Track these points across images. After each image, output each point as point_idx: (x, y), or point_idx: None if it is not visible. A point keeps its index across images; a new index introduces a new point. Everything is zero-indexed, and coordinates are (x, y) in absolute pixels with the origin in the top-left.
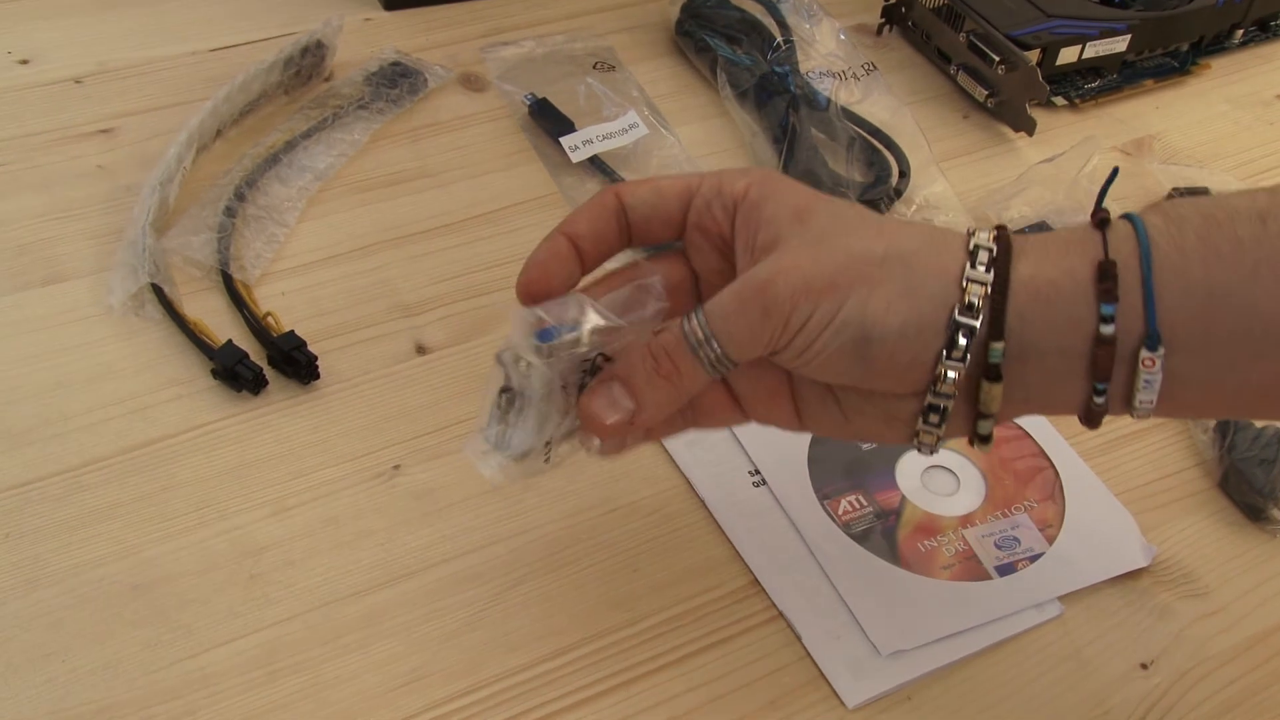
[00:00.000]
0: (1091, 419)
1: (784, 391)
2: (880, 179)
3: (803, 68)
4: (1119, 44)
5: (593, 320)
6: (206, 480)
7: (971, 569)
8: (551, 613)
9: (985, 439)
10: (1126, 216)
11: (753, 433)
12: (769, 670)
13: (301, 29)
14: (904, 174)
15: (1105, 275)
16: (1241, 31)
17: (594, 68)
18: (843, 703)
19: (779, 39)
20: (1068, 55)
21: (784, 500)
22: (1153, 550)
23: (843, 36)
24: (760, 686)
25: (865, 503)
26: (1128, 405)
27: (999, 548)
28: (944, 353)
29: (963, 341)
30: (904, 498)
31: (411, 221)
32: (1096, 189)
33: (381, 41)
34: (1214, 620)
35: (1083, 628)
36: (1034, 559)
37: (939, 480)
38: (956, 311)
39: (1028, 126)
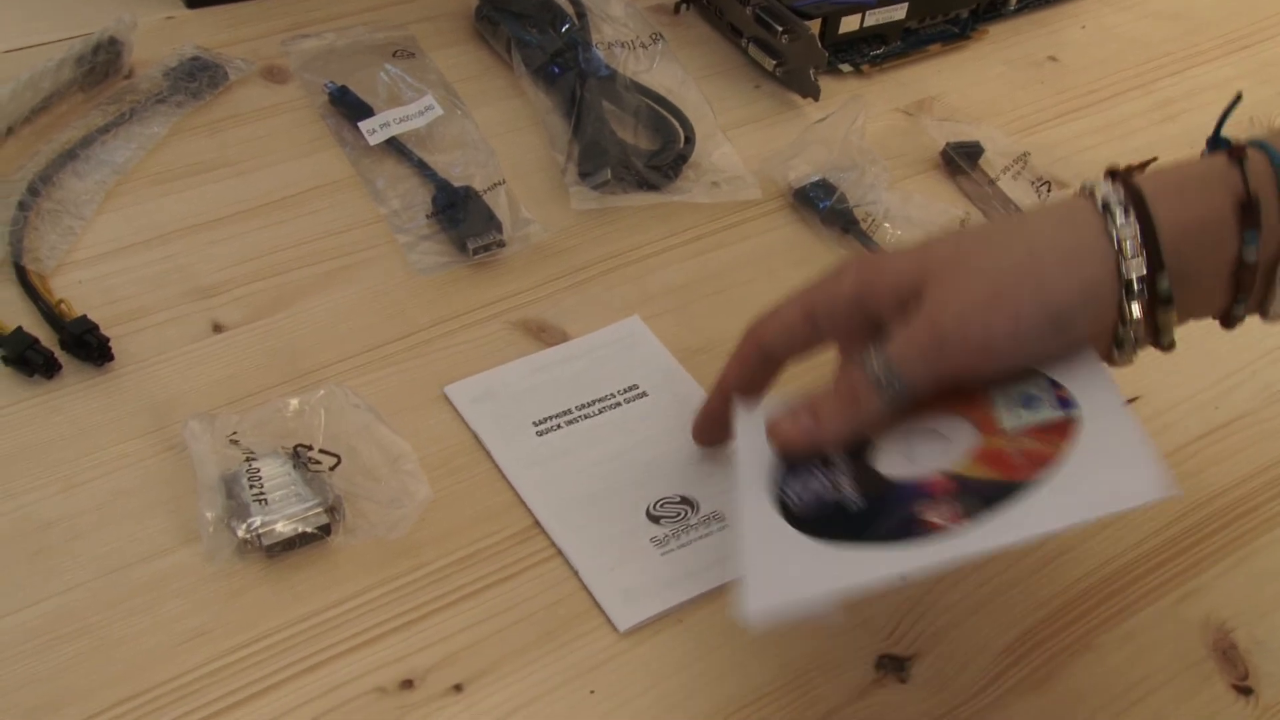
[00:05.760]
0: (1230, 324)
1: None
2: (666, 145)
3: (597, 42)
4: (898, 12)
5: None
6: None
7: None
8: (339, 564)
9: (1170, 346)
10: (1258, 145)
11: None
12: (547, 604)
13: (99, 29)
14: (689, 140)
15: (1250, 210)
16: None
17: (394, 56)
18: (615, 628)
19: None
20: (849, 24)
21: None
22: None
23: (630, 8)
24: (538, 619)
25: None
26: (1262, 311)
27: None
28: (1123, 296)
29: (1136, 285)
30: None
31: (211, 209)
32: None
33: (184, 39)
34: None
35: None
36: None
37: None
38: (1121, 263)
39: (812, 92)
